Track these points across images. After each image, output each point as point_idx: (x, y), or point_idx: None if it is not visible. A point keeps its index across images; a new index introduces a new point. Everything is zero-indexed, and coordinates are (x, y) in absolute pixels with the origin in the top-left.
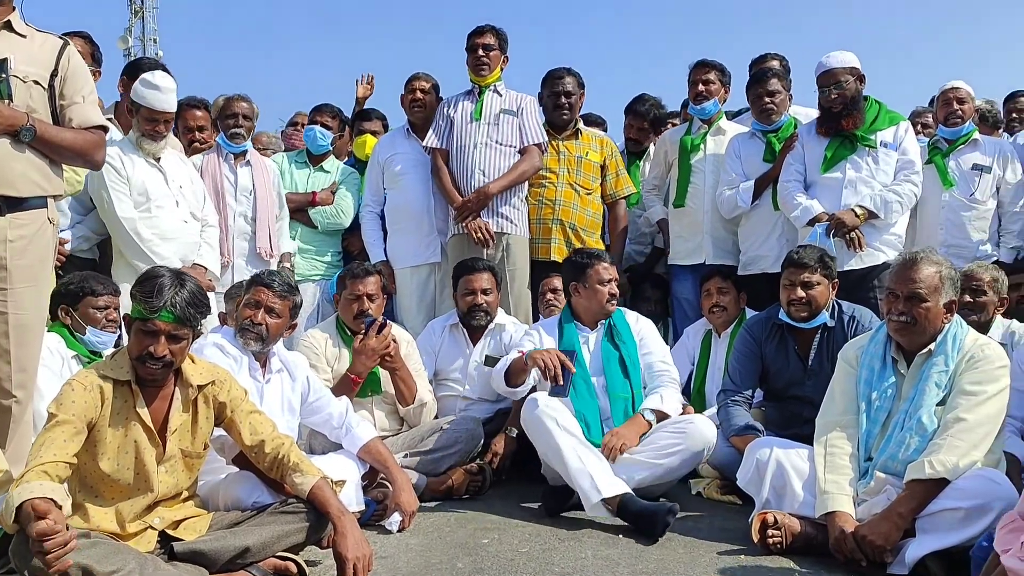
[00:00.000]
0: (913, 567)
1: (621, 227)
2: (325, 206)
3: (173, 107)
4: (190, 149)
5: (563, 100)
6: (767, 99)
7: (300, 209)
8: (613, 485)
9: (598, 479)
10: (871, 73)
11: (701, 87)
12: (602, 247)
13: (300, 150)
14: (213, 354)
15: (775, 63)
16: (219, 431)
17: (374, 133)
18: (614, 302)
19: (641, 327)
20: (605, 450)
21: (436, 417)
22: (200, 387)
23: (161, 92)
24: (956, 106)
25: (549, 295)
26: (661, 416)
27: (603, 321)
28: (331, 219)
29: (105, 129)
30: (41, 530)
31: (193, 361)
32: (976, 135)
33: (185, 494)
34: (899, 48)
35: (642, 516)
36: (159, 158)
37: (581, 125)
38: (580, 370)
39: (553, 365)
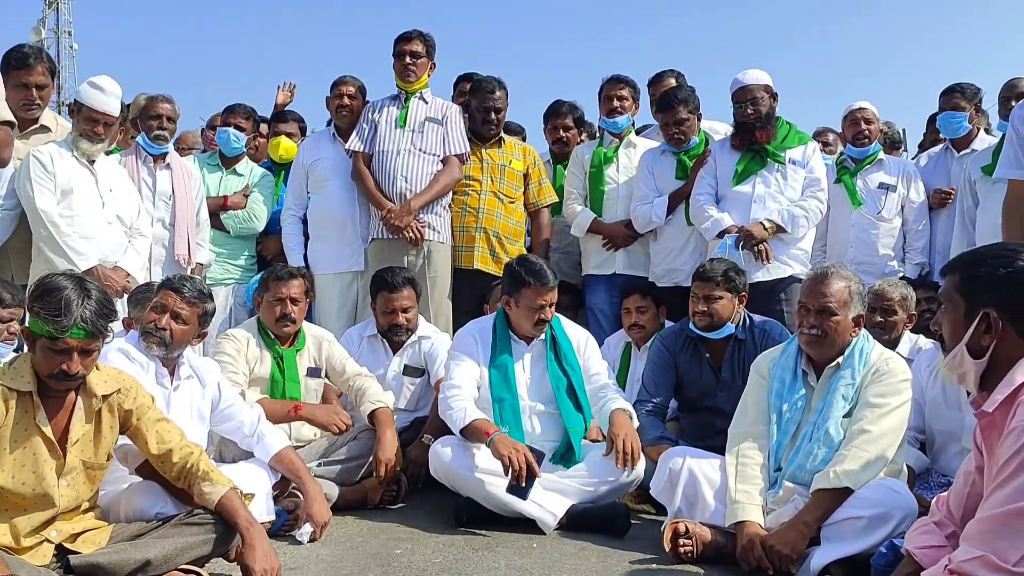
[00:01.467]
0: (818, 574)
1: (544, 236)
2: (237, 210)
3: (115, 111)
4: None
5: (492, 116)
6: (674, 128)
7: (212, 213)
8: (559, 503)
9: (546, 504)
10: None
11: (616, 102)
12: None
13: (212, 152)
14: (118, 360)
15: (672, 80)
16: (123, 439)
17: (289, 135)
18: (543, 327)
19: (579, 338)
20: (620, 456)
21: (352, 426)
22: (104, 396)
23: (104, 94)
24: (864, 126)
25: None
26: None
27: (541, 337)
28: (243, 223)
29: (12, 125)
30: None
31: (97, 368)
32: (881, 155)
33: (85, 505)
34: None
35: (601, 520)
36: (93, 160)
37: (503, 134)
38: (511, 399)
39: (519, 465)
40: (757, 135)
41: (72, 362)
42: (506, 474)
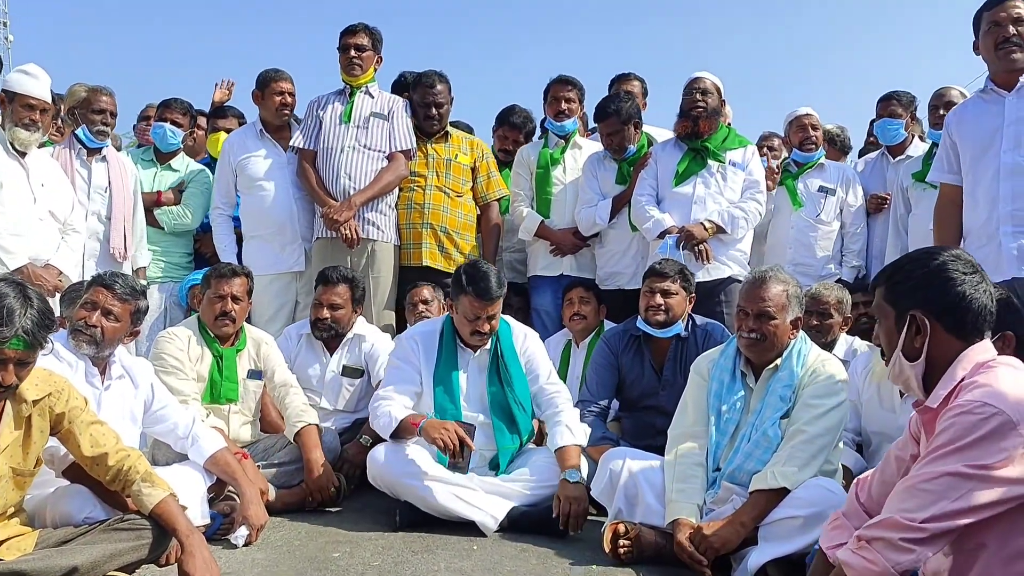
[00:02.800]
0: (755, 574)
1: (492, 226)
2: (171, 206)
3: (49, 97)
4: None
5: (434, 111)
6: (610, 138)
7: (146, 209)
8: (500, 506)
9: (486, 508)
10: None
11: (563, 104)
12: (476, 249)
13: (147, 147)
14: (45, 359)
15: (634, 82)
16: (51, 441)
17: (229, 131)
18: (481, 340)
19: (528, 346)
20: (563, 518)
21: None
22: (35, 402)
23: (37, 81)
24: (811, 132)
25: (421, 306)
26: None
27: (487, 346)
28: (178, 219)
29: None
30: None
31: None
32: (823, 160)
33: (11, 511)
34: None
35: (542, 522)
36: (25, 153)
37: (449, 127)
38: (453, 409)
39: (452, 443)
40: (700, 124)
41: (7, 373)
42: (444, 454)
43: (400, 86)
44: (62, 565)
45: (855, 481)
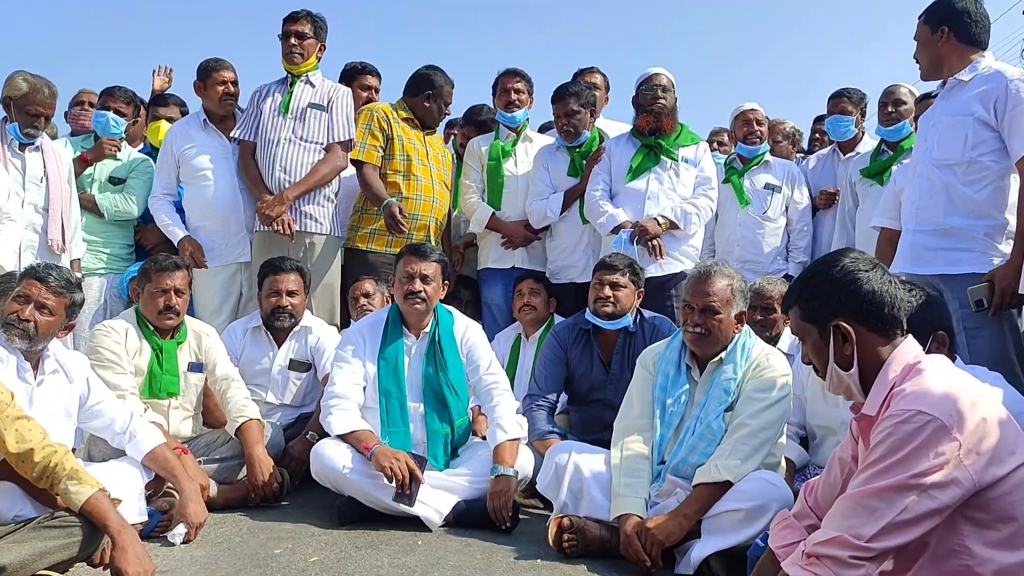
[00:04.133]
0: (698, 567)
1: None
2: (102, 160)
3: None
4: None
5: (447, 109)
6: (564, 120)
7: (83, 197)
8: (445, 501)
9: (430, 502)
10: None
11: (513, 95)
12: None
13: (87, 135)
14: None
15: (597, 76)
16: None
17: (170, 120)
18: (415, 300)
19: (469, 336)
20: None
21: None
22: None
23: None
24: (755, 127)
25: (362, 300)
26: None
27: (427, 330)
28: (119, 208)
29: None
30: None
31: None
32: (768, 157)
33: None
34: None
35: (487, 516)
36: None
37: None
38: (398, 392)
39: (402, 475)
40: (664, 121)
41: None
42: (390, 483)
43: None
44: None
45: (804, 485)
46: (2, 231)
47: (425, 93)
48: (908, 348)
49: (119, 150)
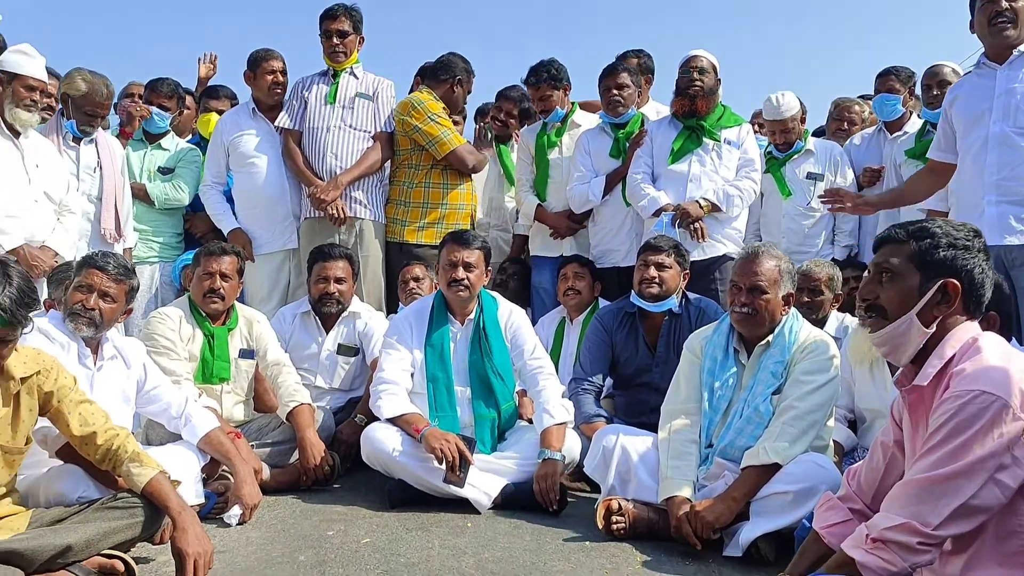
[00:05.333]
0: (747, 549)
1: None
2: (161, 183)
3: (45, 77)
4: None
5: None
6: (615, 91)
7: (135, 187)
8: (494, 483)
9: (479, 485)
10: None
11: (539, 103)
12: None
13: (136, 129)
14: (36, 339)
15: (635, 61)
16: (43, 422)
17: (221, 112)
18: (459, 288)
19: (513, 321)
20: (538, 496)
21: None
22: (23, 379)
23: (35, 61)
24: (783, 137)
25: (412, 284)
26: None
27: (472, 317)
28: (168, 195)
29: None
30: None
31: (16, 350)
32: (810, 144)
33: (3, 491)
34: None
35: (533, 498)
36: (19, 133)
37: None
38: (444, 377)
39: (452, 456)
40: (698, 103)
41: None
42: (440, 465)
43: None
44: (56, 544)
45: (848, 470)
46: (63, 222)
47: (455, 79)
48: (968, 325)
49: (150, 113)
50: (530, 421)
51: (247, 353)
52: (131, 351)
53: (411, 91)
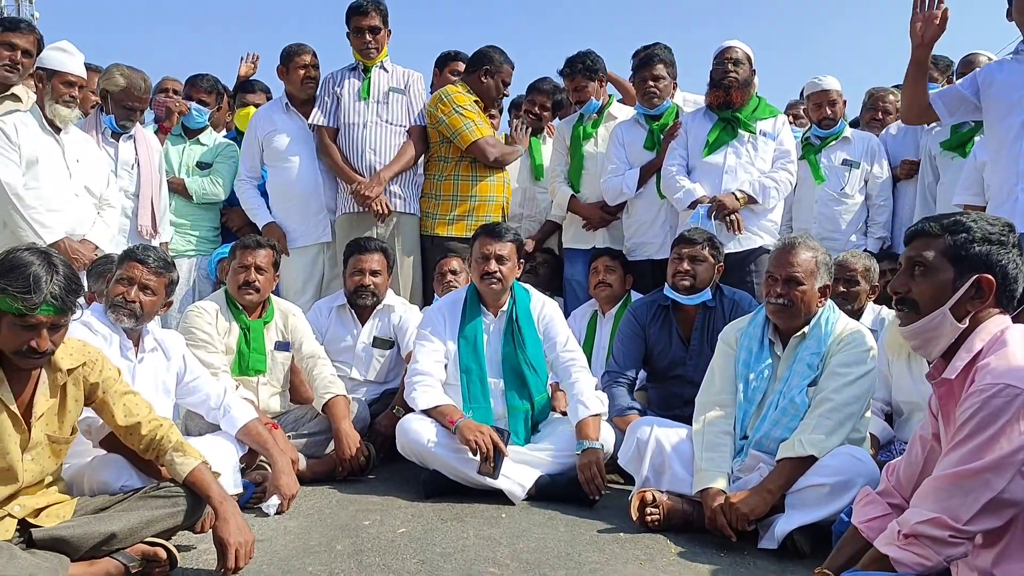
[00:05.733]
0: (782, 541)
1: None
2: (199, 178)
3: (84, 73)
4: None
5: (505, 90)
6: (651, 83)
7: (172, 182)
8: (528, 475)
9: (513, 476)
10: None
11: (574, 95)
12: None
13: (176, 125)
14: (79, 331)
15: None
16: (87, 412)
17: (257, 106)
18: (491, 281)
19: (546, 313)
20: (585, 484)
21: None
22: (70, 371)
23: (74, 58)
24: (828, 111)
25: (449, 276)
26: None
27: (504, 309)
28: (206, 190)
29: None
30: None
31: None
32: (847, 131)
33: (49, 479)
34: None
35: (569, 490)
36: (60, 129)
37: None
38: (478, 369)
39: (486, 447)
40: (733, 95)
41: (41, 339)
42: (474, 456)
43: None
44: (101, 531)
45: (886, 466)
46: (103, 216)
47: (483, 69)
48: (999, 319)
49: (187, 107)
50: (564, 413)
51: (283, 345)
52: (171, 343)
53: (432, 81)
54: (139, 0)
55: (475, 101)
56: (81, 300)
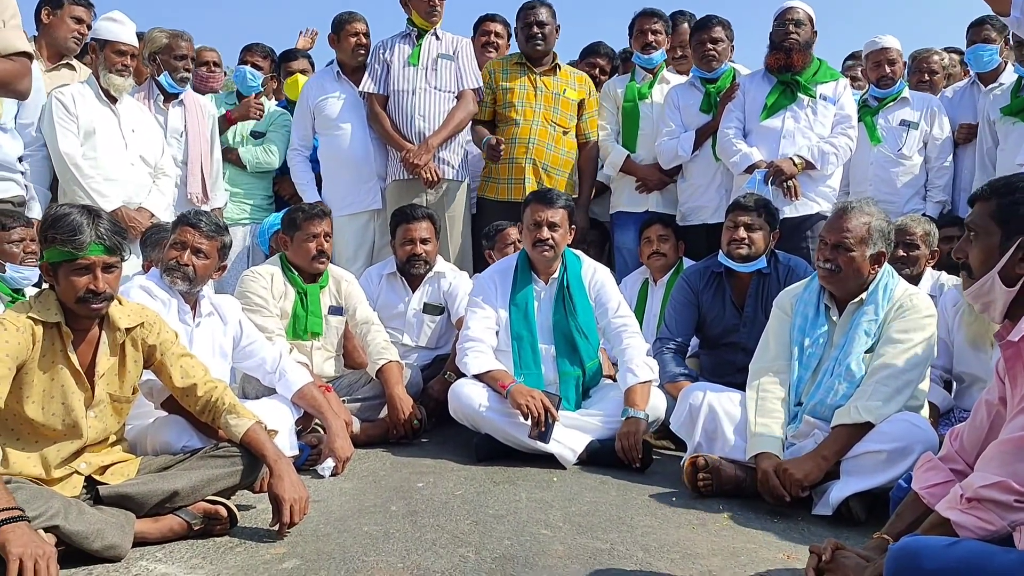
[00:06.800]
0: (837, 508)
1: (591, 165)
2: (248, 119)
3: (135, 42)
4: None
5: (536, 30)
6: (710, 45)
7: (228, 149)
8: (579, 440)
9: (564, 441)
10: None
11: (650, 36)
12: (570, 187)
13: (230, 92)
14: (140, 297)
15: (684, 24)
16: (148, 375)
17: (303, 72)
18: (543, 248)
19: (597, 280)
20: (621, 453)
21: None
22: (128, 330)
23: (125, 27)
24: (887, 69)
25: (510, 249)
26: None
27: (556, 276)
28: (259, 159)
29: (30, 56)
30: None
31: (120, 303)
32: (906, 92)
33: (113, 438)
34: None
35: (618, 454)
36: (115, 99)
37: (560, 61)
38: (529, 336)
39: (537, 412)
40: (794, 57)
41: (97, 280)
42: (525, 420)
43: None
44: (164, 489)
45: (950, 431)
46: (159, 185)
47: (520, 24)
48: None
49: (263, 111)
50: (613, 379)
51: (337, 310)
52: (228, 308)
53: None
54: None
55: (519, 63)
56: (135, 273)
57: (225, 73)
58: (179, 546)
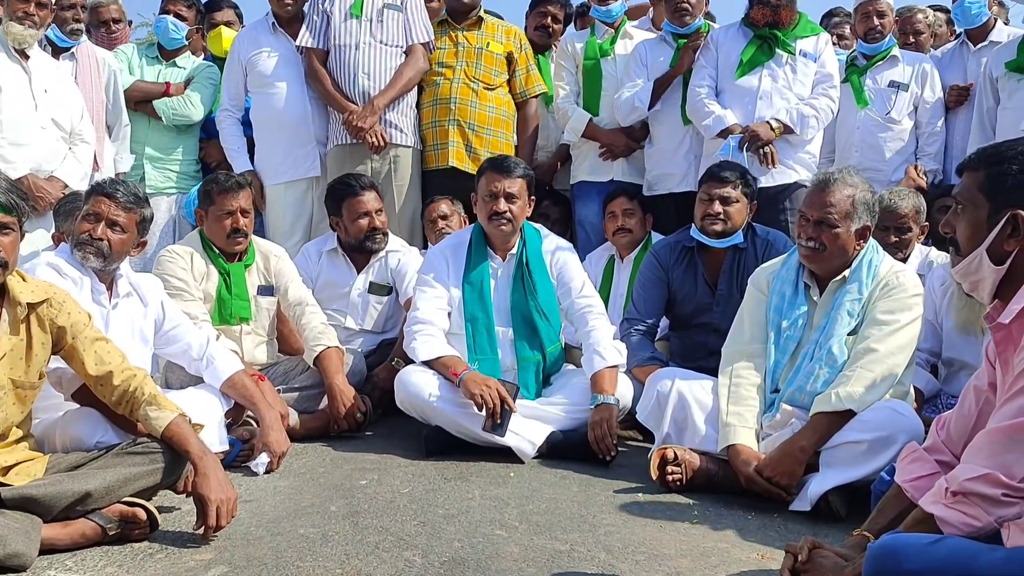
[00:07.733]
0: (815, 503)
1: (531, 129)
2: (169, 101)
3: None
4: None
5: None
6: None
7: (146, 100)
8: (539, 431)
9: (523, 433)
10: None
11: None
12: (510, 147)
13: (151, 44)
14: (47, 274)
15: None
16: (57, 362)
17: (228, 24)
18: (500, 222)
19: (559, 257)
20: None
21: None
22: (31, 305)
23: None
24: (876, 21)
25: (440, 223)
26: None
27: (514, 252)
28: (178, 111)
29: None
30: None
31: (23, 279)
32: (896, 51)
33: (17, 434)
34: None
35: (583, 447)
36: (27, 56)
37: (483, 13)
38: (484, 318)
39: (492, 402)
40: (782, 14)
41: None
42: (480, 411)
43: None
44: (75, 490)
45: (936, 418)
46: (75, 152)
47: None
48: None
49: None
50: (578, 364)
51: (266, 290)
52: (148, 288)
53: None
54: None
55: (442, 21)
56: (44, 248)
57: (147, 24)
58: (92, 553)
